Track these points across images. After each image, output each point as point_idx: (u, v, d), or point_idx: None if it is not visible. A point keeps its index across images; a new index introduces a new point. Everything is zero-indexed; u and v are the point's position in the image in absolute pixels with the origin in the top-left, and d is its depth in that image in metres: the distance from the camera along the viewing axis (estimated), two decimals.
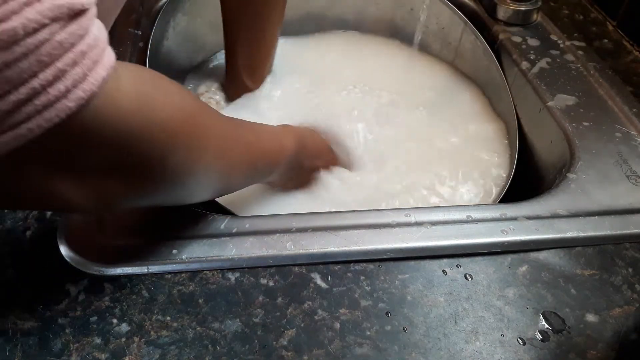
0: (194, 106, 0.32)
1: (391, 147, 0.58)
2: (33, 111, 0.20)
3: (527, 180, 0.54)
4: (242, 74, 0.61)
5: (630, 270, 0.39)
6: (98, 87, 0.22)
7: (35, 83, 0.20)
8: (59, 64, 0.21)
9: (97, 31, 0.23)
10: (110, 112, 0.24)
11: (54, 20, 0.20)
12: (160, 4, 0.64)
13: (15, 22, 0.19)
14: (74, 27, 0.21)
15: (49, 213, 0.40)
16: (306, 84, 0.65)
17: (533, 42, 0.61)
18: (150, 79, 0.29)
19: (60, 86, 0.21)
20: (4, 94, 0.20)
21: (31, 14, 0.19)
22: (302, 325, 0.34)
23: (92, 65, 0.22)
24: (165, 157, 0.29)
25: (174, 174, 0.31)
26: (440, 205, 0.53)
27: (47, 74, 0.20)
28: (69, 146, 0.24)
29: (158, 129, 0.27)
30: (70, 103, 0.21)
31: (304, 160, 0.51)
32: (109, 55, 0.23)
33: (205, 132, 0.33)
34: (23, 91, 0.20)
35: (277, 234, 0.39)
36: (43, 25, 0.20)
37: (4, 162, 0.22)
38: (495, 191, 0.53)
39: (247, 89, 0.62)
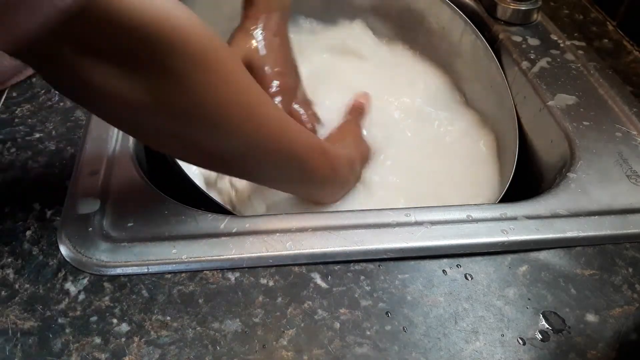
0: (217, 38, 0.33)
1: (389, 145, 0.58)
2: None
3: (527, 180, 0.54)
4: None
5: (630, 270, 0.39)
6: None
7: None
8: None
9: None
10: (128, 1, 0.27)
11: None
12: None
13: None
14: None
15: (49, 213, 0.40)
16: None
17: (533, 41, 0.61)
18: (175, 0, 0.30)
19: None
20: None
21: None
22: (302, 325, 0.34)
23: None
24: (181, 68, 0.30)
25: (193, 92, 0.32)
26: (440, 205, 0.53)
27: None
28: (91, 29, 0.27)
29: (177, 33, 0.29)
30: None
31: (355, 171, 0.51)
32: None
33: (227, 64, 0.33)
34: None
35: (277, 234, 0.39)
36: None
37: (46, 47, 0.26)
38: (495, 191, 0.53)
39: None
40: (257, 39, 0.51)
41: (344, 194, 0.51)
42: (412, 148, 0.59)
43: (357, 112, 0.59)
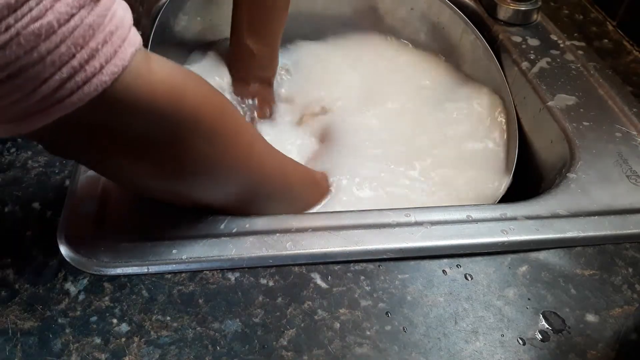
0: (225, 105, 0.34)
1: (388, 145, 0.58)
2: (75, 87, 0.24)
3: (527, 180, 0.54)
4: (250, 53, 0.59)
5: (630, 270, 0.39)
6: (128, 61, 0.25)
7: (75, 63, 0.23)
8: (92, 44, 0.23)
9: (122, 12, 0.25)
10: (142, 89, 0.27)
11: (81, 7, 0.23)
12: (160, 4, 0.64)
13: (49, 17, 0.22)
14: (99, 9, 0.24)
15: (49, 213, 0.40)
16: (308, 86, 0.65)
17: (533, 42, 0.61)
18: (183, 71, 0.31)
19: (95, 63, 0.24)
20: (50, 76, 0.23)
21: (62, 8, 0.22)
22: (302, 325, 0.34)
23: (120, 42, 0.25)
24: (192, 142, 0.31)
25: (202, 162, 0.33)
26: (440, 205, 0.53)
27: (83, 54, 0.23)
28: (106, 118, 0.27)
29: (187, 113, 0.30)
30: (105, 77, 0.24)
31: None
32: (135, 34, 0.26)
33: (234, 131, 0.35)
34: (65, 71, 0.23)
35: (277, 234, 0.39)
36: (72, 15, 0.22)
37: (59, 133, 0.26)
38: (495, 191, 0.53)
39: (259, 76, 0.62)
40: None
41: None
42: (412, 148, 0.59)
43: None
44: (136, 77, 0.26)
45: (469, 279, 0.37)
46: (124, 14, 0.25)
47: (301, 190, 0.46)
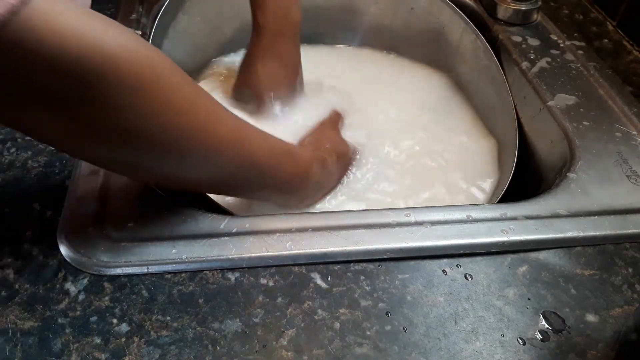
0: (157, 56, 0.31)
1: (388, 146, 0.59)
2: None
3: (527, 180, 0.54)
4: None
5: (630, 270, 0.39)
6: None
7: None
8: None
9: None
10: (45, 28, 0.24)
11: None
12: (160, 4, 0.64)
13: None
14: None
15: (49, 213, 0.40)
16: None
17: (533, 41, 0.61)
18: (102, 18, 0.28)
19: None
20: None
21: None
22: (302, 325, 0.34)
23: None
24: (116, 97, 0.28)
25: (135, 119, 0.29)
26: (440, 205, 0.53)
27: None
28: (10, 64, 0.24)
29: (107, 62, 0.26)
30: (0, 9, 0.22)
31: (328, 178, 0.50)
32: None
33: (167, 85, 0.31)
34: None
35: (277, 234, 0.39)
36: None
37: None
38: (494, 191, 0.53)
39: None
40: (262, 67, 0.54)
41: (321, 196, 0.50)
42: (412, 148, 0.59)
43: (333, 118, 0.58)
44: (39, 16, 0.24)
45: (469, 279, 0.37)
46: None
47: (273, 163, 0.41)
